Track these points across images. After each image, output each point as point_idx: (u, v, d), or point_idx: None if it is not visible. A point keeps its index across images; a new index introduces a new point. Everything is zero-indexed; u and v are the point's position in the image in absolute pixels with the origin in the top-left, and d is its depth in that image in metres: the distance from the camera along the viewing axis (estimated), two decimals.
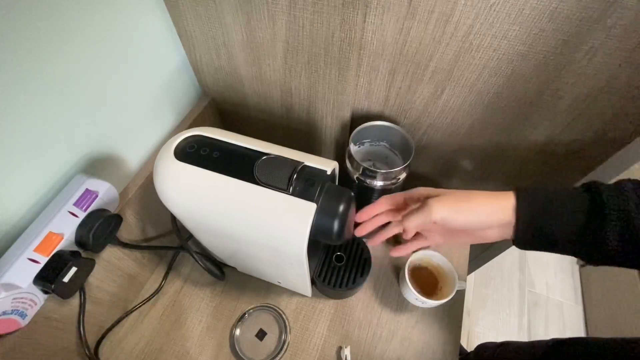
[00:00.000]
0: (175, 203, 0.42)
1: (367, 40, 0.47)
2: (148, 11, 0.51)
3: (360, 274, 0.59)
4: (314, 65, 0.53)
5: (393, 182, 0.54)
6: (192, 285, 0.64)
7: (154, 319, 0.60)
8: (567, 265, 1.54)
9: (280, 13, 0.47)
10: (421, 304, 0.59)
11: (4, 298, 0.37)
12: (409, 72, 0.49)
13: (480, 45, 0.42)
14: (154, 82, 0.56)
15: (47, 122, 0.41)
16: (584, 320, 1.39)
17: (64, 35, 0.40)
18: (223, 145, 0.43)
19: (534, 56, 0.41)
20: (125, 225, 0.53)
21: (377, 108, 0.58)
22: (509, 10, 0.38)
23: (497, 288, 1.46)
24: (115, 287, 0.56)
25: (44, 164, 0.43)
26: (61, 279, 0.40)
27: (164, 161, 0.42)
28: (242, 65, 0.58)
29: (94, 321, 0.54)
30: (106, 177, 0.48)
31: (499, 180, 0.61)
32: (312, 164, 0.41)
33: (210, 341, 0.58)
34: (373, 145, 0.61)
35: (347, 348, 0.56)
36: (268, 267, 0.53)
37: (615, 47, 0.37)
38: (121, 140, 0.53)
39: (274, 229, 0.39)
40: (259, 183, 0.39)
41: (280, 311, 0.60)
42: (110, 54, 0.47)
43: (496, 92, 0.47)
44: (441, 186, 0.69)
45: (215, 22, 0.52)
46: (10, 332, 0.41)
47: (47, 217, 0.41)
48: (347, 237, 0.42)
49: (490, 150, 0.56)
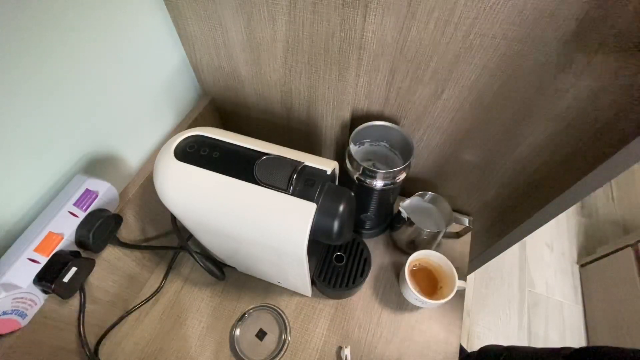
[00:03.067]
0: (175, 203, 0.42)
1: (367, 40, 0.47)
2: (148, 11, 0.51)
3: (360, 274, 0.59)
4: (314, 65, 0.53)
5: (393, 182, 0.54)
6: (192, 285, 0.64)
7: (154, 319, 0.60)
8: (567, 265, 1.54)
9: (280, 13, 0.47)
10: (421, 304, 0.59)
11: (4, 298, 0.37)
12: (409, 72, 0.49)
13: (480, 45, 0.42)
14: (154, 82, 0.57)
15: (47, 122, 0.41)
16: (584, 320, 1.39)
17: (64, 35, 0.40)
18: (223, 145, 0.43)
19: (534, 56, 0.41)
20: (125, 225, 0.53)
21: (377, 108, 0.58)
22: (509, 10, 0.38)
23: (497, 288, 1.46)
24: (115, 287, 0.56)
25: (44, 164, 0.43)
26: (61, 279, 0.40)
27: (164, 161, 0.42)
28: (242, 65, 0.58)
29: (94, 321, 0.54)
30: (106, 177, 0.48)
31: (499, 180, 0.61)
32: (312, 164, 0.41)
33: (210, 341, 0.58)
34: (373, 145, 0.61)
35: (347, 348, 0.56)
36: (268, 267, 0.53)
37: (615, 47, 0.37)
38: (121, 140, 0.53)
39: (274, 229, 0.39)
40: (259, 183, 0.39)
41: (280, 311, 0.60)
42: (110, 54, 0.47)
43: (496, 92, 0.47)
44: (441, 187, 0.69)
45: (215, 22, 0.52)
46: (10, 332, 0.41)
47: (47, 217, 0.41)
48: (347, 237, 0.42)
49: (490, 150, 0.56)
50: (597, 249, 1.44)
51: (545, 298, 1.45)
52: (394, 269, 0.66)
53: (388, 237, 0.70)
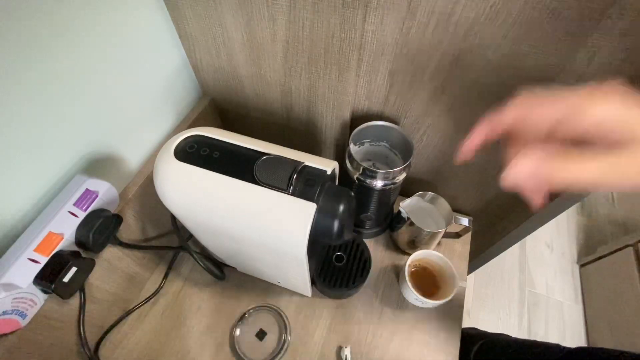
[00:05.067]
0: (175, 203, 0.42)
1: (367, 40, 0.47)
2: (148, 11, 0.51)
3: (360, 274, 0.59)
4: (314, 65, 0.53)
5: (393, 182, 0.54)
6: (192, 285, 0.64)
7: (154, 319, 0.60)
8: (567, 265, 1.54)
9: (280, 13, 0.47)
10: (421, 304, 0.59)
11: (4, 298, 0.37)
12: (409, 72, 0.49)
13: (480, 45, 0.42)
14: (154, 82, 0.57)
15: (47, 122, 0.41)
16: (584, 320, 1.39)
17: (64, 35, 0.40)
18: (223, 145, 0.43)
19: (534, 56, 0.41)
20: (125, 225, 0.53)
21: (377, 108, 0.58)
22: (509, 10, 0.38)
23: (497, 288, 1.46)
24: (115, 287, 0.56)
25: (44, 164, 0.43)
26: (61, 279, 0.40)
27: (164, 161, 0.41)
28: (242, 65, 0.58)
29: (94, 321, 0.54)
30: (106, 177, 0.48)
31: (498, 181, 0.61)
32: (312, 164, 0.41)
33: (210, 341, 0.58)
34: (373, 145, 0.61)
35: (347, 348, 0.56)
36: (268, 267, 0.53)
37: (616, 47, 0.37)
38: (121, 140, 0.53)
39: (274, 229, 0.39)
40: (259, 183, 0.39)
41: (280, 311, 0.60)
42: (110, 54, 0.47)
43: (496, 92, 0.47)
44: (441, 187, 0.69)
45: (215, 22, 0.52)
46: (10, 332, 0.41)
47: (47, 217, 0.41)
48: (347, 237, 0.42)
49: (490, 150, 0.56)
50: (597, 249, 1.44)
51: (545, 298, 1.45)
52: (394, 269, 0.66)
53: (388, 237, 0.70)
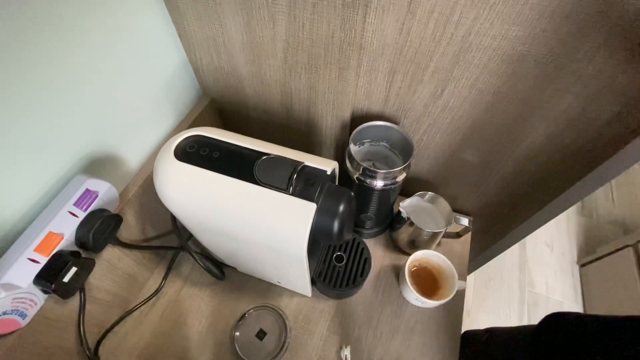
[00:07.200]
0: (175, 203, 0.42)
1: (367, 40, 0.47)
2: (148, 11, 0.51)
3: (360, 274, 0.59)
4: (314, 65, 0.53)
5: (393, 182, 0.54)
6: (192, 285, 0.64)
7: (154, 319, 0.60)
8: (567, 265, 1.54)
9: (280, 13, 0.47)
10: (421, 304, 0.59)
11: (4, 298, 0.37)
12: (409, 72, 0.49)
13: (480, 45, 0.42)
14: (154, 82, 0.56)
15: (48, 122, 0.41)
16: None
17: (64, 35, 0.40)
18: (223, 145, 0.43)
19: (534, 56, 0.41)
20: (125, 225, 0.53)
21: (377, 108, 0.58)
22: (509, 10, 0.38)
23: (497, 288, 1.46)
24: (115, 287, 0.56)
25: (44, 164, 0.43)
26: (61, 279, 0.40)
27: (164, 161, 0.42)
28: (242, 65, 0.58)
29: (94, 321, 0.54)
30: (106, 177, 0.48)
31: (499, 181, 0.61)
32: (312, 164, 0.41)
33: (210, 341, 0.58)
34: (373, 145, 0.61)
35: (347, 348, 0.56)
36: (268, 267, 0.53)
37: (616, 47, 0.37)
38: (121, 140, 0.53)
39: (274, 229, 0.39)
40: (259, 183, 0.39)
41: (280, 311, 0.60)
42: (110, 54, 0.47)
43: (496, 92, 0.47)
44: (441, 187, 0.69)
45: (215, 22, 0.52)
46: (10, 332, 0.41)
47: (47, 217, 0.41)
48: (347, 237, 0.42)
49: (490, 150, 0.56)
50: (597, 249, 1.44)
51: (545, 298, 1.45)
52: (394, 269, 0.66)
53: (388, 237, 0.70)
